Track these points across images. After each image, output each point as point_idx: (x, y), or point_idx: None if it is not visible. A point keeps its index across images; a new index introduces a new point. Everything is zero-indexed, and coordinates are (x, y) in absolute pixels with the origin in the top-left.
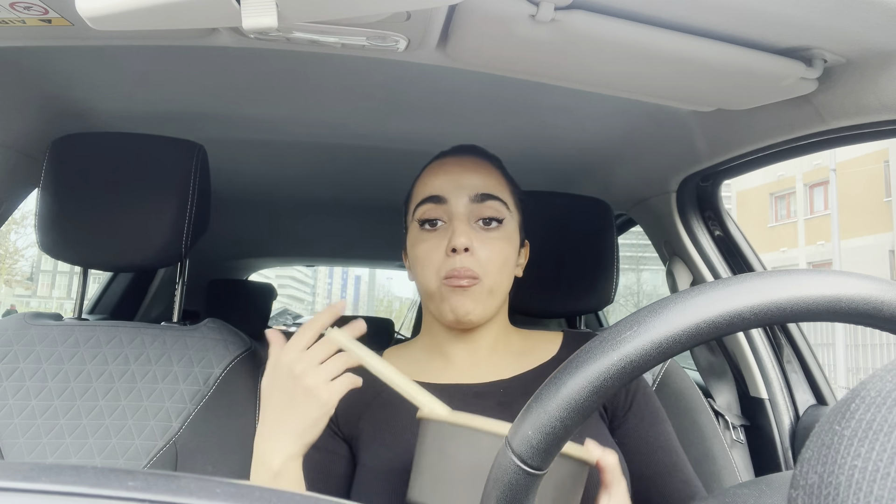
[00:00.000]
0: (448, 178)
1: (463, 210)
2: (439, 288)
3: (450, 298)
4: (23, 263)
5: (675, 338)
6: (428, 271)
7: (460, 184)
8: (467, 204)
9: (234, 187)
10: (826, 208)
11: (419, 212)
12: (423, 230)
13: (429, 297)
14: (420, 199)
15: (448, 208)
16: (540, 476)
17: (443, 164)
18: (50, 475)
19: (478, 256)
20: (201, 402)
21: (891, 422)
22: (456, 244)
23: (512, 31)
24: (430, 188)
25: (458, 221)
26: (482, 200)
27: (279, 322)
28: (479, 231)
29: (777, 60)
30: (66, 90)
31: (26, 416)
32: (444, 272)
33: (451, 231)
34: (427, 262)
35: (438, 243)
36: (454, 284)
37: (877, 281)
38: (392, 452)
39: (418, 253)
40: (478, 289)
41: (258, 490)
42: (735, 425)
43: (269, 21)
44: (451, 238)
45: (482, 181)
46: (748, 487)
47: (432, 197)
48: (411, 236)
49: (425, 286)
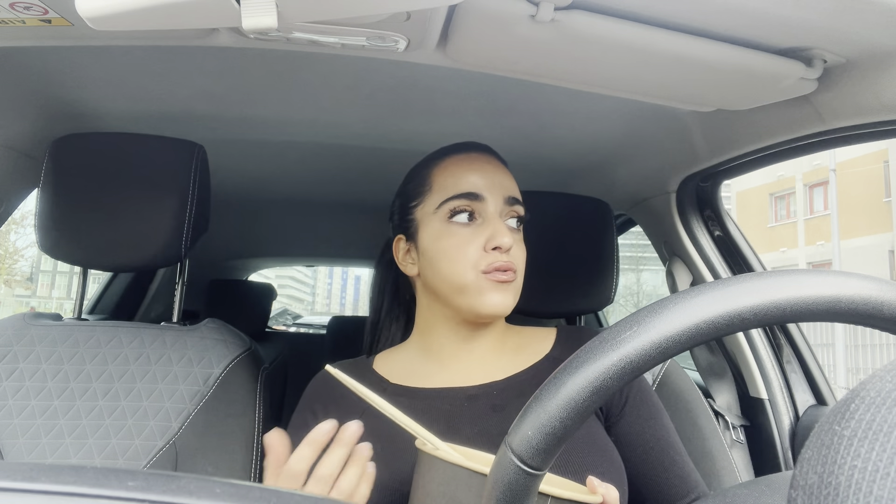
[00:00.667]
0: (483, 176)
1: (498, 210)
2: (477, 281)
3: (489, 293)
4: (22, 263)
5: (674, 338)
6: (461, 266)
7: (495, 182)
8: (502, 205)
9: (234, 187)
10: (826, 208)
11: (450, 205)
12: (453, 224)
13: (458, 290)
14: (452, 194)
15: (485, 206)
16: (540, 476)
17: (471, 160)
18: (50, 475)
19: (513, 255)
20: (201, 402)
21: (891, 422)
22: (502, 243)
23: (512, 31)
24: (466, 184)
25: (498, 221)
26: (512, 204)
27: (279, 322)
28: (510, 230)
29: (777, 61)
30: (66, 90)
31: (26, 417)
32: (483, 266)
33: (493, 230)
34: (460, 257)
35: (473, 238)
36: (499, 279)
37: (876, 281)
38: (385, 463)
39: (447, 247)
40: (515, 284)
41: (258, 490)
42: (735, 425)
43: (268, 21)
44: (493, 236)
45: (510, 183)
46: (748, 488)
47: (469, 194)
48: (433, 229)
49: (457, 280)
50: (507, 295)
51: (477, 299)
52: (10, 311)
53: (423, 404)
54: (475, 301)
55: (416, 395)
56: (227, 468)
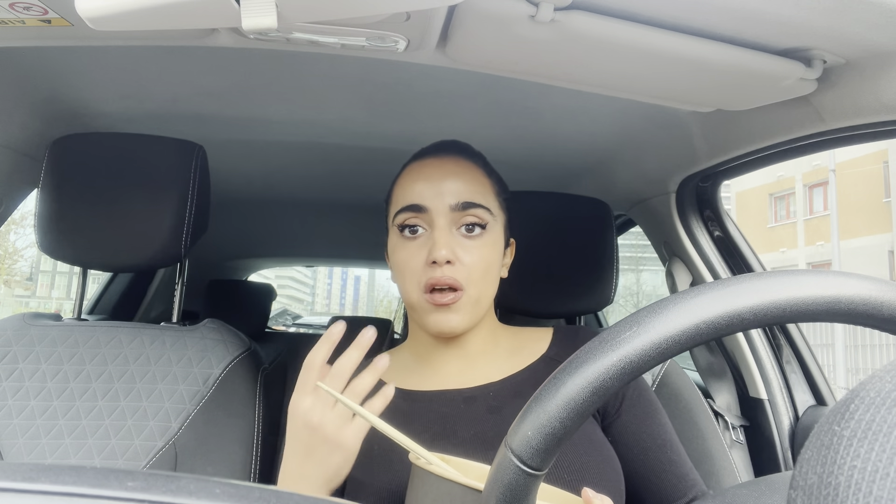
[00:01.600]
0: (428, 185)
1: (444, 220)
2: (420, 301)
3: (432, 315)
4: (22, 264)
5: (674, 338)
6: (409, 281)
7: (441, 191)
8: (448, 213)
9: (234, 188)
10: (825, 209)
11: (398, 219)
12: (403, 237)
13: (411, 307)
14: (399, 207)
15: (429, 217)
16: (539, 477)
17: (423, 166)
18: (49, 476)
19: (461, 265)
20: (201, 402)
21: (890, 422)
22: (437, 257)
23: (511, 31)
24: (410, 195)
25: (439, 231)
26: (464, 209)
27: (279, 322)
28: (461, 238)
29: (776, 61)
30: (66, 91)
31: (25, 417)
32: (424, 282)
33: (432, 241)
34: (407, 271)
35: (418, 251)
36: (437, 302)
37: (876, 281)
38: (379, 465)
39: (397, 261)
40: (462, 301)
41: (257, 490)
42: (734, 426)
43: (268, 22)
44: (431, 249)
45: (464, 187)
46: (748, 488)
47: (411, 206)
48: (391, 241)
49: (407, 297)
50: (452, 315)
51: (423, 319)
52: (10, 311)
53: (419, 407)
54: (423, 321)
55: (412, 398)
56: (226, 468)
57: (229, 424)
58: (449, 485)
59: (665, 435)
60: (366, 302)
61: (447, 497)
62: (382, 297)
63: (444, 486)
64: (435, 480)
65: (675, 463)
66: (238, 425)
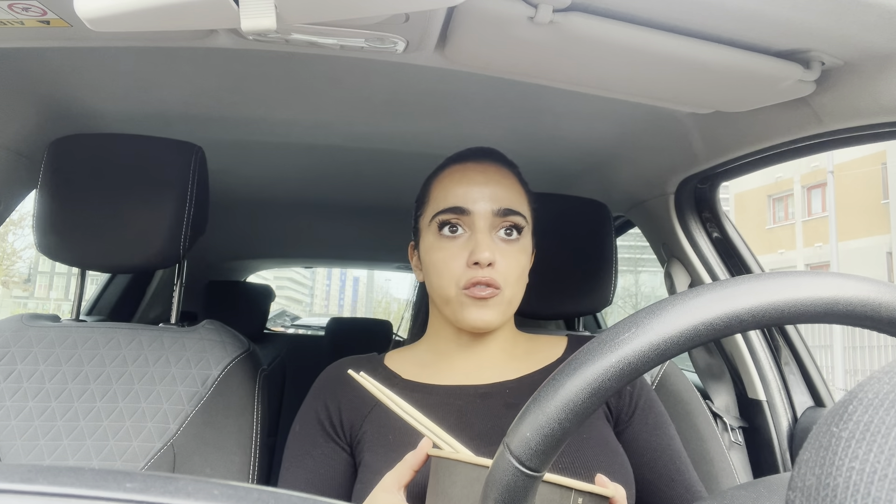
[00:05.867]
0: (471, 189)
1: (486, 223)
2: (458, 295)
3: (469, 308)
4: (20, 265)
5: (673, 340)
6: (446, 279)
7: (484, 195)
8: (490, 217)
9: (233, 189)
10: (824, 210)
11: (439, 218)
12: (442, 237)
13: (445, 302)
14: (441, 208)
15: (471, 220)
16: (538, 477)
17: (465, 170)
18: (48, 477)
19: (499, 268)
20: (199, 403)
21: (888, 423)
22: (480, 258)
23: (510, 32)
24: (453, 198)
25: (482, 234)
26: (504, 215)
27: (277, 323)
28: (499, 243)
29: (775, 63)
30: (65, 91)
31: (24, 418)
32: (463, 281)
33: (475, 243)
34: (445, 271)
35: (458, 252)
36: (476, 296)
37: (874, 283)
38: (395, 452)
39: (435, 259)
40: (498, 299)
41: (256, 491)
42: (733, 427)
43: (267, 23)
44: (474, 251)
45: (505, 193)
46: (746, 489)
47: (455, 208)
48: (427, 241)
49: (442, 293)
50: (488, 311)
51: (459, 313)
52: (8, 312)
53: (435, 399)
54: (457, 315)
55: (428, 391)
56: (225, 470)
57: (228, 425)
58: (479, 470)
59: (674, 445)
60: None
61: (478, 482)
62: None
63: (473, 472)
64: (464, 468)
65: (683, 473)
66: (237, 426)
